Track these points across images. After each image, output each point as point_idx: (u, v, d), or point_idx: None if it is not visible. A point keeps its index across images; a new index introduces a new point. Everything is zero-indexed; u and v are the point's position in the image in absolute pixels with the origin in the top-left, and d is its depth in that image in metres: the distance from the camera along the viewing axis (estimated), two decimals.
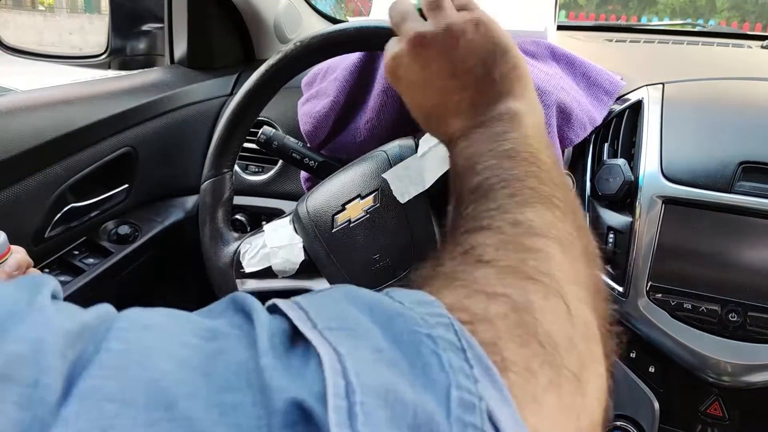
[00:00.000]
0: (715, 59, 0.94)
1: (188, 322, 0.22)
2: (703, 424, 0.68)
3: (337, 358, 0.20)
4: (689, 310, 0.63)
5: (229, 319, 0.23)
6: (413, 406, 0.20)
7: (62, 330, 0.19)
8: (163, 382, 0.19)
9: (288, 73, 0.61)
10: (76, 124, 0.81)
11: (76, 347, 0.19)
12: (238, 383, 0.20)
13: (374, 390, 0.20)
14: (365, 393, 0.20)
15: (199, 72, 1.04)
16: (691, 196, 0.63)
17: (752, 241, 0.62)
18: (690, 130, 0.68)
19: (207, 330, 0.22)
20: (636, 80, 0.76)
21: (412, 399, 0.20)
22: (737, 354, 0.62)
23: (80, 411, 0.17)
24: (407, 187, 0.57)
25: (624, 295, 0.66)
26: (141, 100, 0.90)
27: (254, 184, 0.95)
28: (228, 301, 0.25)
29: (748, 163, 0.63)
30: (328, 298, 0.25)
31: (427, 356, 0.22)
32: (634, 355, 0.70)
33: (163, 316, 0.22)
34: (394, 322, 0.23)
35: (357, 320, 0.23)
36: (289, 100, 0.89)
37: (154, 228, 0.94)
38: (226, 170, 0.65)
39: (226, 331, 0.22)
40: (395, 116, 0.72)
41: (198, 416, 0.19)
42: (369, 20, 0.58)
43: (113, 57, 1.08)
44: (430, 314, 0.24)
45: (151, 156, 0.93)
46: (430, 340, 0.22)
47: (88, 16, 2.65)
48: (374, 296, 0.25)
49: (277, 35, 1.09)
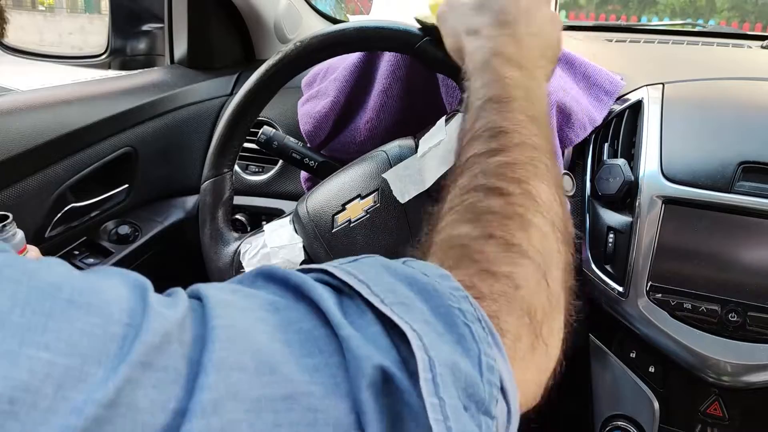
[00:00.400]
0: (715, 59, 0.94)
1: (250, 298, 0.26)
2: (703, 424, 0.69)
3: (417, 335, 0.25)
4: (689, 310, 0.63)
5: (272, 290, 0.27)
6: (464, 373, 0.25)
7: (176, 321, 0.22)
8: (264, 351, 0.23)
9: (288, 73, 0.61)
10: (77, 124, 0.81)
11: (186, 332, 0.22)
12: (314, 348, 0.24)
13: (444, 362, 0.25)
14: (441, 365, 0.24)
15: (199, 72, 1.04)
16: (691, 196, 0.63)
17: (752, 241, 0.62)
18: (690, 130, 0.68)
19: (269, 304, 0.26)
20: (636, 80, 0.76)
21: (462, 367, 0.25)
22: (737, 354, 0.62)
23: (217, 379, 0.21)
24: (407, 187, 0.57)
25: (624, 295, 0.66)
26: (141, 100, 0.90)
27: (254, 184, 0.95)
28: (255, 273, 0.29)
29: (748, 163, 0.63)
30: (373, 270, 0.29)
31: (461, 327, 0.27)
32: (634, 356, 0.70)
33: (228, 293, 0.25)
34: (431, 295, 0.27)
35: (405, 294, 0.27)
36: (289, 100, 0.89)
37: (154, 228, 0.94)
38: (226, 170, 0.65)
39: (283, 303, 0.26)
40: (395, 116, 0.72)
41: (296, 378, 0.23)
42: (369, 20, 0.58)
43: (113, 57, 1.08)
44: (453, 288, 0.28)
45: (151, 156, 0.93)
46: (461, 314, 0.27)
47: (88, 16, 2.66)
48: (406, 269, 0.29)
49: (277, 35, 1.09)
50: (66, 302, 0.20)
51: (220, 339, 0.22)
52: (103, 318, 0.21)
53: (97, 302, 0.21)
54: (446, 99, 0.70)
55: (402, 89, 0.72)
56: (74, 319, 0.20)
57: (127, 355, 0.20)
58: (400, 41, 0.59)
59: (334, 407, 0.23)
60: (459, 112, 0.61)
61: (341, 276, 0.27)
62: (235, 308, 0.24)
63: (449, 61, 0.57)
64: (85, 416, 0.18)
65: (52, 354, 0.19)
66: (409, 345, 0.25)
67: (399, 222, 0.58)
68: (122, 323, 0.21)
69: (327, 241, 0.60)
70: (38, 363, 0.19)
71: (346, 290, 0.27)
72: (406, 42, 0.59)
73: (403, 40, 0.59)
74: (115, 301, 0.22)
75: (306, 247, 0.62)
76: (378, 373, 0.24)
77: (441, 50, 0.58)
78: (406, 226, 0.58)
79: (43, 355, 0.19)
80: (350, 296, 0.27)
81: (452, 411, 0.24)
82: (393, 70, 0.70)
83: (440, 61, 0.59)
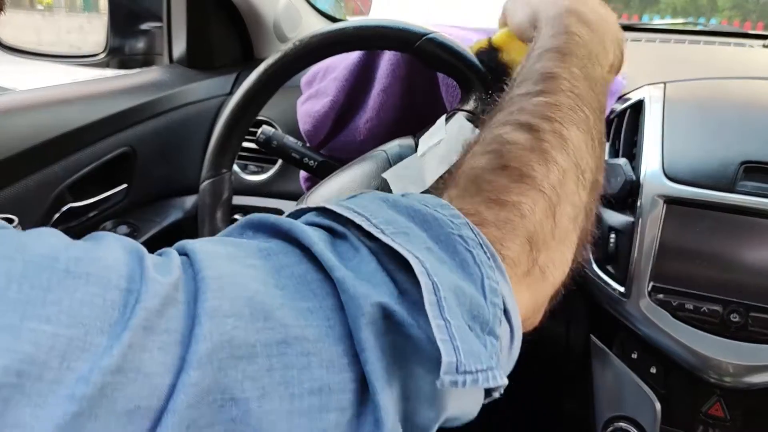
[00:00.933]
0: (717, 58, 0.93)
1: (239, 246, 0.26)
2: (704, 424, 0.68)
3: (419, 261, 0.25)
4: (691, 310, 0.63)
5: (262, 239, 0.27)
6: (468, 295, 0.26)
7: (171, 283, 0.22)
8: (256, 297, 0.23)
9: (287, 72, 0.61)
10: (75, 124, 0.81)
11: (180, 292, 0.22)
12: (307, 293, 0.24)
13: (447, 285, 0.25)
14: (444, 289, 0.25)
15: (198, 71, 1.04)
16: (693, 195, 0.63)
17: (754, 241, 0.61)
18: (692, 130, 0.68)
19: (259, 250, 0.26)
20: (637, 79, 0.76)
21: (466, 290, 0.26)
22: (739, 355, 0.62)
23: (211, 327, 0.21)
24: (407, 187, 0.57)
25: (625, 295, 0.65)
26: (140, 100, 0.90)
27: (253, 184, 0.94)
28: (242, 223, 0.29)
29: (750, 163, 0.63)
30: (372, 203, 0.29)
31: (462, 253, 0.27)
32: (636, 356, 0.70)
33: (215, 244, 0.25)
34: (431, 224, 0.28)
35: (405, 224, 0.27)
36: (288, 99, 0.88)
37: (152, 228, 0.94)
38: (225, 170, 0.65)
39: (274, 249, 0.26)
40: (395, 116, 0.72)
41: (290, 323, 0.23)
42: (368, 19, 0.58)
43: (112, 56, 1.08)
44: (452, 216, 0.29)
45: (149, 156, 0.92)
46: (462, 240, 0.28)
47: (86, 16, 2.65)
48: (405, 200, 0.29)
49: (277, 34, 1.09)
50: (63, 273, 0.20)
51: (211, 289, 0.22)
52: (101, 286, 0.21)
53: (95, 270, 0.21)
54: (446, 98, 0.69)
55: (402, 88, 0.72)
56: (73, 290, 0.20)
57: (129, 321, 0.20)
58: (400, 40, 0.59)
59: (328, 350, 0.23)
60: (459, 111, 0.60)
61: (340, 211, 0.27)
62: (224, 257, 0.24)
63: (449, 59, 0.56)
64: (92, 384, 0.18)
65: (54, 326, 0.19)
66: (407, 275, 0.25)
67: None
68: (121, 289, 0.21)
69: None
70: (42, 335, 0.19)
71: (339, 229, 0.27)
72: (405, 41, 0.58)
73: (403, 38, 0.58)
74: (113, 267, 0.22)
75: None
76: (377, 310, 0.24)
77: (441, 49, 0.58)
78: None
79: (46, 327, 0.19)
80: (342, 236, 0.27)
81: (458, 331, 0.24)
82: (393, 69, 0.70)
83: (440, 60, 0.58)
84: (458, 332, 0.24)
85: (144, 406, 0.19)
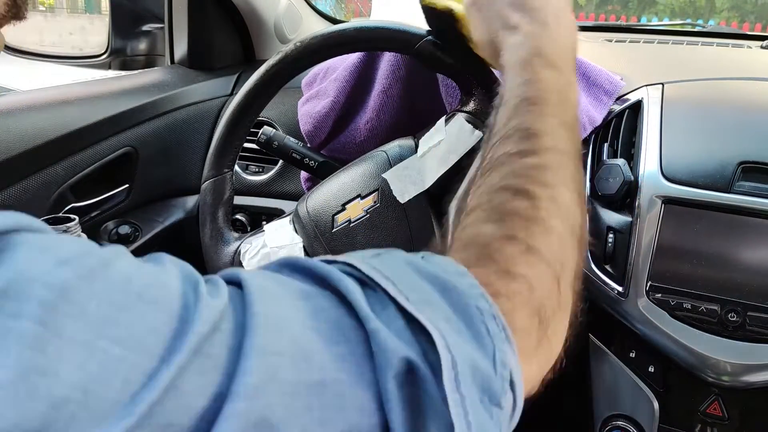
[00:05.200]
0: (715, 59, 0.94)
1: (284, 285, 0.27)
2: (702, 423, 0.69)
3: (440, 334, 0.26)
4: (689, 310, 0.63)
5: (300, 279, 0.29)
6: (481, 369, 0.27)
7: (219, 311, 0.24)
8: (298, 339, 0.24)
9: (288, 73, 0.62)
10: (77, 124, 0.81)
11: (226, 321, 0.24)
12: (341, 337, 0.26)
13: (465, 360, 0.26)
14: (462, 363, 0.26)
15: (199, 72, 1.04)
16: (691, 196, 0.63)
17: (752, 241, 0.62)
18: (690, 130, 0.68)
19: (299, 291, 0.27)
20: (636, 80, 0.76)
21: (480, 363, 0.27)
22: (737, 354, 0.62)
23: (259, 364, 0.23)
24: (407, 187, 0.57)
25: (624, 295, 0.66)
26: (141, 100, 0.90)
27: (254, 184, 0.95)
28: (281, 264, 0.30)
29: (748, 163, 0.63)
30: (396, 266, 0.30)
31: (478, 325, 0.28)
32: (634, 355, 0.70)
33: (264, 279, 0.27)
34: (451, 294, 0.29)
35: (428, 292, 0.29)
36: (289, 100, 0.89)
37: (154, 228, 0.94)
38: (226, 170, 0.65)
39: (313, 292, 0.27)
40: (395, 116, 0.72)
41: (327, 365, 0.24)
42: (369, 21, 0.58)
43: (114, 57, 1.08)
44: (470, 285, 0.30)
45: (151, 156, 0.93)
46: (478, 312, 0.29)
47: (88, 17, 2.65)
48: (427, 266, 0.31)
49: (277, 35, 1.09)
50: (136, 296, 0.22)
51: (260, 326, 0.24)
52: (167, 315, 0.22)
53: (163, 298, 0.22)
54: (446, 99, 0.70)
55: (402, 89, 0.72)
56: (144, 315, 0.21)
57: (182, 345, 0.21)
58: (400, 41, 0.59)
59: (360, 395, 0.25)
60: (459, 112, 0.61)
61: (367, 271, 0.29)
62: (272, 295, 0.26)
63: (449, 60, 0.57)
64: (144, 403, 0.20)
65: (122, 349, 0.20)
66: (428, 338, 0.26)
67: (399, 222, 0.58)
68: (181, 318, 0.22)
69: (327, 241, 0.61)
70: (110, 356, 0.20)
71: (369, 282, 0.28)
72: (406, 42, 0.59)
73: (403, 40, 0.59)
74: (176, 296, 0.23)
75: (306, 247, 0.62)
76: (403, 364, 0.25)
77: (441, 50, 0.58)
78: (406, 226, 0.58)
79: (115, 349, 0.20)
80: (373, 288, 0.28)
81: (471, 405, 0.26)
82: (393, 70, 0.70)
83: (440, 61, 0.59)
84: (471, 408, 0.26)
85: (176, 424, 0.20)
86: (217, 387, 0.22)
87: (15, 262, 0.20)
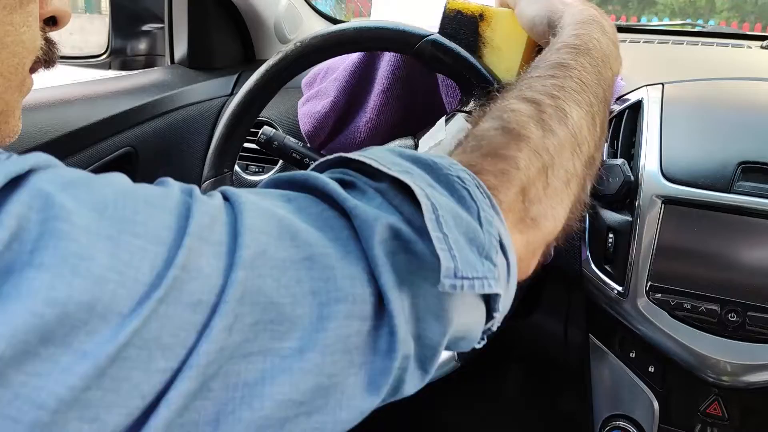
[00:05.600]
0: (715, 59, 0.94)
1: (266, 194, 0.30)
2: (702, 423, 0.69)
3: (420, 189, 0.28)
4: (689, 309, 0.63)
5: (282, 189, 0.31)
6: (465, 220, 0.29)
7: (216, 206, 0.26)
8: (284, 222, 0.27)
9: (288, 73, 0.62)
10: (77, 124, 0.81)
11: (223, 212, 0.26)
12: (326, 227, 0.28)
13: (444, 208, 0.28)
14: (442, 209, 0.28)
15: (199, 72, 1.04)
16: (691, 196, 0.63)
17: (752, 241, 0.62)
18: (690, 130, 0.68)
19: (280, 196, 0.29)
20: (635, 80, 0.76)
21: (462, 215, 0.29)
22: (737, 354, 0.62)
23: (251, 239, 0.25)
24: None
25: (623, 295, 0.66)
26: (141, 101, 0.90)
27: (254, 184, 0.95)
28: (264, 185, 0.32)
29: (748, 163, 0.63)
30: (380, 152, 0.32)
31: (460, 191, 0.30)
32: (634, 355, 0.71)
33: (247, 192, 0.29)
34: (432, 168, 0.31)
35: (410, 167, 0.31)
36: (289, 100, 0.89)
37: None
38: (226, 170, 0.65)
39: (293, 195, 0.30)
40: (395, 116, 0.72)
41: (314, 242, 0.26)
42: (369, 21, 0.58)
43: (114, 57, 1.08)
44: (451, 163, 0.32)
45: (151, 156, 0.93)
46: (460, 180, 0.31)
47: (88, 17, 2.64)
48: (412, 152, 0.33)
49: (278, 35, 1.09)
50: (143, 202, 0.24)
51: (248, 210, 0.26)
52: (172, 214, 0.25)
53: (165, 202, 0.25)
54: (446, 99, 0.70)
55: (402, 89, 0.72)
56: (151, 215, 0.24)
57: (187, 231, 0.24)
58: (400, 42, 0.59)
59: (349, 267, 0.26)
60: (459, 112, 0.61)
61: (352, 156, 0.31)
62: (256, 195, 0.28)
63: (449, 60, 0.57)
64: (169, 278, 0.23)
65: (143, 240, 0.23)
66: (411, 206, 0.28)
67: None
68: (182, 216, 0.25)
69: None
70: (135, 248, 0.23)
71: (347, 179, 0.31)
72: (405, 42, 0.59)
73: (403, 40, 0.59)
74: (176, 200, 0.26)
75: None
76: (386, 230, 0.27)
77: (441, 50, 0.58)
78: None
79: (137, 241, 0.23)
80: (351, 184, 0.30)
81: (455, 243, 0.27)
82: (393, 71, 0.70)
83: (440, 61, 0.59)
84: (455, 245, 0.27)
85: (204, 300, 0.23)
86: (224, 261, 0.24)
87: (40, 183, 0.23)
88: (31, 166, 0.23)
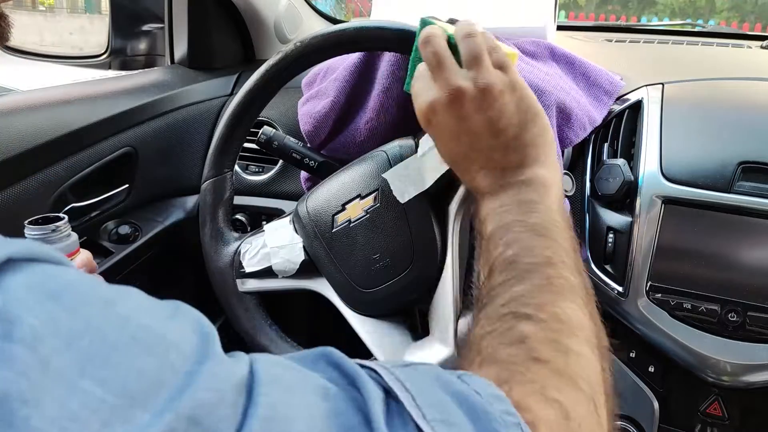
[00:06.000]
0: (715, 59, 0.94)
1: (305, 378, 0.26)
2: (702, 423, 0.69)
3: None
4: (689, 309, 0.63)
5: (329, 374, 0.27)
6: None
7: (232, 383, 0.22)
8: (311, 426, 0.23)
9: (288, 73, 0.61)
10: (77, 124, 0.81)
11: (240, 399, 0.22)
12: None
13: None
14: None
15: (199, 72, 1.04)
16: (691, 196, 0.63)
17: (752, 241, 0.62)
18: (690, 131, 0.68)
19: (321, 387, 0.25)
20: (636, 80, 0.76)
21: None
22: (737, 354, 0.62)
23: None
24: (407, 187, 0.57)
25: (624, 295, 0.66)
26: (141, 100, 0.90)
27: (254, 184, 0.95)
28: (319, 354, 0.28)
29: (748, 163, 0.63)
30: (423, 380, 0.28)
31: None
32: (634, 355, 0.70)
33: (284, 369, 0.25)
34: (480, 418, 0.27)
35: (453, 412, 0.26)
36: (289, 100, 0.89)
37: (154, 228, 0.94)
38: (226, 170, 0.65)
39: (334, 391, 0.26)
40: (395, 116, 0.72)
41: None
42: (369, 21, 0.58)
43: (114, 57, 1.08)
44: (504, 412, 0.28)
45: (151, 156, 0.93)
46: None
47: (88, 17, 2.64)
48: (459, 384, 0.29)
49: (278, 35, 1.09)
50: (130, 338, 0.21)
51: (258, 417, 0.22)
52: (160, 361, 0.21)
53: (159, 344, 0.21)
54: None
55: (402, 89, 0.72)
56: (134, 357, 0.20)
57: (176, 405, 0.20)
58: (400, 41, 0.59)
59: None
60: None
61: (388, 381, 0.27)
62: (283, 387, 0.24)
63: None
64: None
65: (105, 391, 0.19)
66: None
67: (399, 222, 0.58)
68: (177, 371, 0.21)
69: (327, 241, 0.61)
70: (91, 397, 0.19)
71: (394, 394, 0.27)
72: (406, 42, 0.59)
73: (403, 40, 0.59)
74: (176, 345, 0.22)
75: (306, 246, 0.62)
76: None
77: None
78: (406, 226, 0.58)
79: (97, 390, 0.19)
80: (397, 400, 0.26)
81: None
82: (393, 70, 0.70)
83: None
84: None
85: None
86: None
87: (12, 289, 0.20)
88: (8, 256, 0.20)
